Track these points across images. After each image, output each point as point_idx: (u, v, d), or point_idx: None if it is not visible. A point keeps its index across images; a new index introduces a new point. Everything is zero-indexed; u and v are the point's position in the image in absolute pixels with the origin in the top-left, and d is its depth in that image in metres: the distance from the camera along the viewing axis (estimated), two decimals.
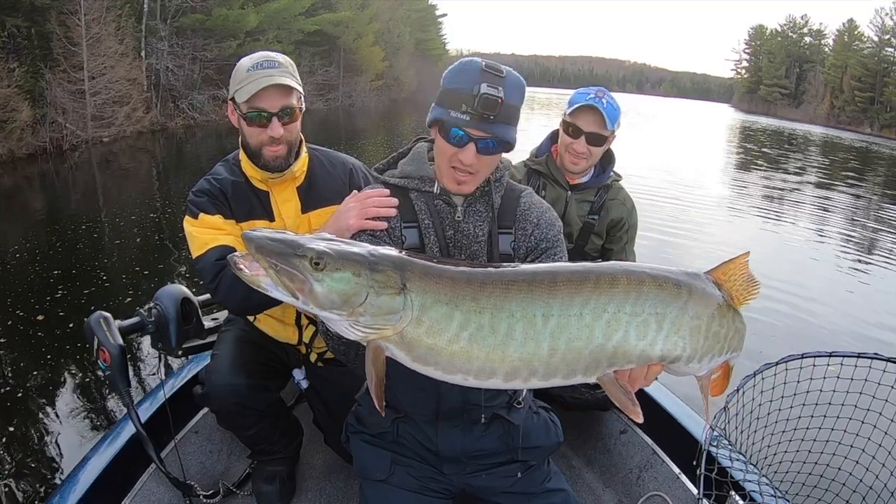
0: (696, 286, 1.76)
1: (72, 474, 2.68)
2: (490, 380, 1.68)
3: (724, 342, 1.83)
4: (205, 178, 2.73)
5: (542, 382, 1.71)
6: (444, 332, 1.63)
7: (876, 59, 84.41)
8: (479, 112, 1.93)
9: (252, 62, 2.55)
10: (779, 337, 8.38)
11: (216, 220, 2.64)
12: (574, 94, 3.26)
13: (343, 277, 1.60)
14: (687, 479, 3.06)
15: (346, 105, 51.85)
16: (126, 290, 9.39)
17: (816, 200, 22.23)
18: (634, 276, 1.69)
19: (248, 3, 35.82)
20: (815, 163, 36.69)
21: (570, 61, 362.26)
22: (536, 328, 1.64)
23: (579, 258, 3.28)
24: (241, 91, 2.52)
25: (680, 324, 1.71)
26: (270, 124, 2.56)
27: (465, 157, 2.01)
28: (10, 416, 6.11)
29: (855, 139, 65.43)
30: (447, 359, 1.65)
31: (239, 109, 2.58)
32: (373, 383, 1.69)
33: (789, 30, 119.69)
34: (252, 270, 1.62)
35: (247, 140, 2.64)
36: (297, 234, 1.69)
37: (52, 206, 15.64)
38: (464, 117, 1.95)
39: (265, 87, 2.49)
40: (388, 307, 1.62)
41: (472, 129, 1.97)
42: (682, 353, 1.75)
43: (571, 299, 1.65)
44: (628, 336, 1.67)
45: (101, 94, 24.40)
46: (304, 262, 1.59)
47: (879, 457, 2.64)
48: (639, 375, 1.74)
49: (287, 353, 3.05)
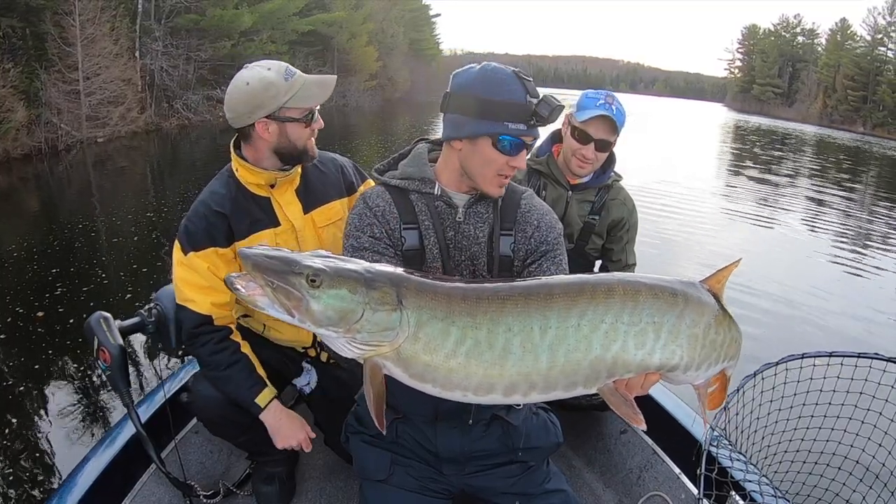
0: (692, 294, 1.77)
1: (72, 474, 2.67)
2: (489, 395, 1.68)
3: (721, 350, 1.84)
4: (201, 202, 2.71)
5: (542, 396, 1.72)
6: (441, 348, 1.64)
7: (868, 58, 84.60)
8: (547, 122, 2.00)
9: (279, 73, 2.59)
10: (778, 337, 8.39)
11: (207, 256, 2.64)
12: (582, 97, 3.23)
13: (339, 294, 1.60)
14: (687, 479, 3.06)
15: (340, 105, 51.65)
16: (125, 288, 9.37)
17: (810, 199, 22.29)
18: (630, 286, 1.70)
19: (242, 4, 35.70)
20: (808, 162, 36.81)
21: (564, 61, 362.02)
22: (534, 341, 1.64)
23: (580, 258, 3.30)
24: (297, 98, 2.59)
25: (677, 332, 1.72)
26: (316, 119, 2.71)
27: (520, 163, 2.07)
28: (10, 416, 6.09)
29: (848, 138, 65.60)
30: (444, 375, 1.66)
31: (288, 117, 2.61)
32: (371, 402, 1.70)
33: (782, 29, 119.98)
34: (248, 290, 1.62)
35: (295, 143, 2.66)
36: (294, 252, 1.69)
37: (49, 206, 15.60)
38: (523, 127, 1.99)
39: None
40: (384, 324, 1.62)
41: (527, 136, 2.02)
42: (680, 362, 1.75)
43: (569, 311, 1.65)
44: (627, 346, 1.68)
45: (96, 95, 24.32)
46: (300, 279, 1.59)
47: (879, 457, 2.65)
48: (636, 384, 1.75)
49: (288, 363, 3.05)
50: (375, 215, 2.13)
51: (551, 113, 1.96)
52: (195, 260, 2.63)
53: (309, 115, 2.65)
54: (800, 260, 13.53)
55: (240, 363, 2.69)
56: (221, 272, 2.63)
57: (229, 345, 2.70)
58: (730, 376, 2.01)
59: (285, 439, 2.72)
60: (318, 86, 2.65)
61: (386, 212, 2.14)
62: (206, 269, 2.63)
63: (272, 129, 2.61)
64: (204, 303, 2.64)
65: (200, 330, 2.66)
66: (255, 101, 2.58)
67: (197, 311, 2.65)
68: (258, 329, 3.00)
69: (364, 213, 2.14)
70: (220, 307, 2.67)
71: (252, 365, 2.71)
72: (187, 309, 2.66)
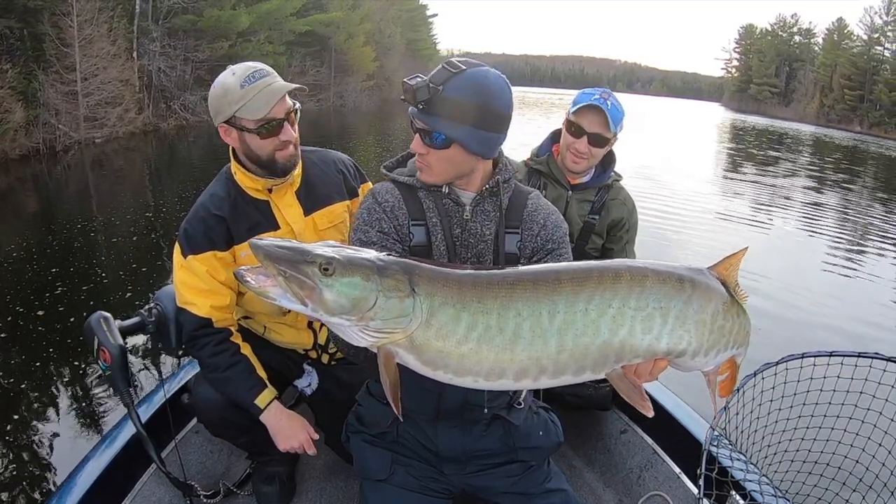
0: (700, 280, 1.77)
1: (72, 474, 2.67)
2: (500, 380, 1.68)
3: (730, 336, 1.84)
4: (200, 205, 2.70)
5: (552, 381, 1.71)
6: (453, 334, 1.64)
7: (865, 57, 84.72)
8: (411, 100, 1.99)
9: (239, 77, 2.49)
10: (778, 337, 8.38)
11: (206, 260, 2.64)
12: (579, 94, 3.25)
13: (352, 282, 1.59)
14: (687, 479, 3.07)
15: (338, 105, 51.75)
16: (125, 288, 9.38)
17: (808, 199, 22.30)
18: (637, 272, 1.71)
19: (239, 4, 35.70)
20: (805, 161, 36.81)
21: (561, 61, 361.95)
22: (543, 326, 1.64)
23: (580, 258, 3.26)
24: (245, 108, 2.48)
25: (685, 317, 1.73)
26: (283, 130, 2.56)
27: (414, 145, 2.09)
28: (10, 416, 6.09)
29: (845, 137, 65.64)
30: (457, 361, 1.65)
31: (243, 126, 2.53)
32: (388, 389, 1.69)
33: (779, 29, 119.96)
34: (259, 282, 1.61)
35: (256, 153, 2.59)
36: (303, 242, 1.69)
37: (47, 207, 15.61)
38: (413, 109, 2.02)
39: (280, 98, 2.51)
40: (398, 310, 1.62)
41: (416, 119, 2.03)
42: (688, 347, 1.75)
43: (576, 295, 1.66)
44: (634, 330, 1.68)
45: (94, 96, 24.30)
46: (313, 268, 1.58)
47: (879, 456, 2.64)
48: (644, 370, 1.75)
49: (289, 365, 3.04)
50: (385, 211, 2.14)
51: (406, 91, 1.97)
52: (194, 263, 2.63)
53: (265, 125, 2.54)
54: (798, 259, 13.55)
55: (239, 364, 2.69)
56: (220, 275, 2.65)
57: (229, 346, 2.70)
58: (740, 364, 2.01)
59: (287, 440, 2.71)
60: (265, 96, 2.49)
61: (395, 207, 2.15)
62: (206, 273, 2.63)
63: (233, 136, 2.59)
64: (204, 306, 2.65)
65: (200, 332, 2.67)
66: (214, 104, 2.57)
67: (197, 313, 2.65)
68: (259, 331, 3.00)
69: (373, 208, 2.15)
70: (220, 310, 2.68)
71: (252, 366, 2.71)
72: (187, 312, 2.67)
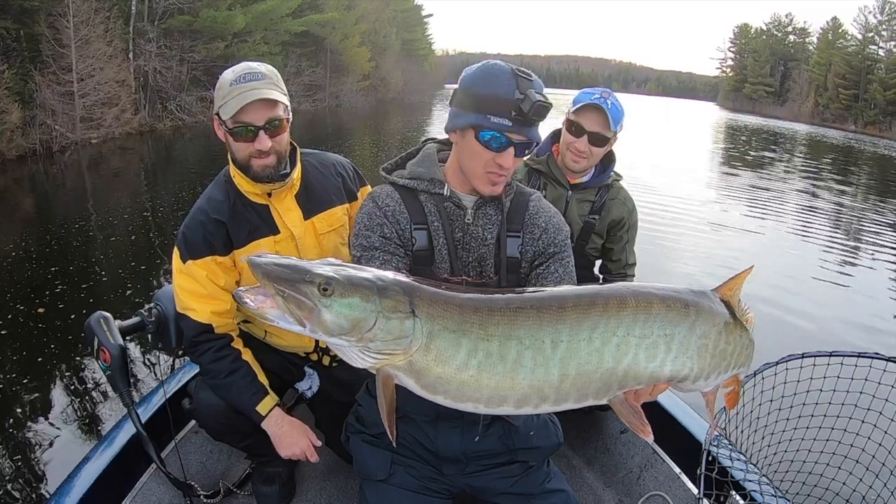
0: (703, 305, 1.78)
1: (72, 474, 2.66)
2: (500, 407, 1.69)
3: (731, 359, 1.86)
4: (199, 209, 2.67)
5: (553, 407, 1.72)
6: (452, 360, 1.64)
7: (860, 56, 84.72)
8: (529, 118, 1.94)
9: (235, 75, 2.48)
10: (778, 337, 8.38)
11: (206, 265, 2.62)
12: (579, 93, 3.27)
13: (352, 303, 1.59)
14: (687, 479, 3.07)
15: (333, 106, 51.65)
16: (124, 288, 9.36)
17: (805, 199, 22.30)
18: (643, 298, 1.71)
19: (235, 5, 35.64)
20: (800, 161, 36.83)
21: (556, 60, 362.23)
22: (546, 354, 1.64)
23: (580, 258, 3.27)
24: (225, 106, 2.45)
25: (688, 344, 1.73)
26: (258, 138, 2.49)
27: (505, 161, 2.02)
28: (10, 416, 6.08)
29: (839, 137, 65.66)
30: (456, 387, 1.66)
31: (225, 125, 2.51)
32: (385, 413, 1.69)
33: (774, 28, 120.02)
34: (257, 304, 1.60)
35: (234, 154, 2.58)
36: (302, 260, 1.68)
37: (44, 207, 15.58)
38: (506, 123, 1.95)
39: (250, 102, 2.42)
40: (397, 332, 1.61)
41: (513, 133, 1.97)
42: (690, 373, 1.77)
43: (580, 324, 1.66)
44: (638, 359, 1.69)
45: (90, 96, 24.25)
46: (311, 287, 1.57)
47: (879, 456, 2.66)
48: (644, 393, 1.77)
49: (290, 368, 3.03)
50: (385, 215, 2.12)
51: (532, 109, 1.92)
52: (193, 268, 2.61)
53: (240, 127, 2.49)
54: (797, 259, 13.49)
55: (240, 371, 2.67)
56: (220, 280, 2.63)
57: (230, 352, 2.68)
58: (742, 379, 2.03)
59: (288, 448, 2.70)
60: (240, 99, 2.43)
61: (396, 212, 2.13)
62: (205, 278, 2.61)
63: (221, 132, 2.58)
64: (204, 311, 2.63)
65: (201, 338, 2.65)
66: (215, 95, 2.57)
67: (197, 319, 2.63)
68: (259, 335, 2.98)
69: (374, 213, 2.13)
70: (220, 315, 2.66)
71: (253, 372, 2.69)
72: (188, 317, 2.65)
